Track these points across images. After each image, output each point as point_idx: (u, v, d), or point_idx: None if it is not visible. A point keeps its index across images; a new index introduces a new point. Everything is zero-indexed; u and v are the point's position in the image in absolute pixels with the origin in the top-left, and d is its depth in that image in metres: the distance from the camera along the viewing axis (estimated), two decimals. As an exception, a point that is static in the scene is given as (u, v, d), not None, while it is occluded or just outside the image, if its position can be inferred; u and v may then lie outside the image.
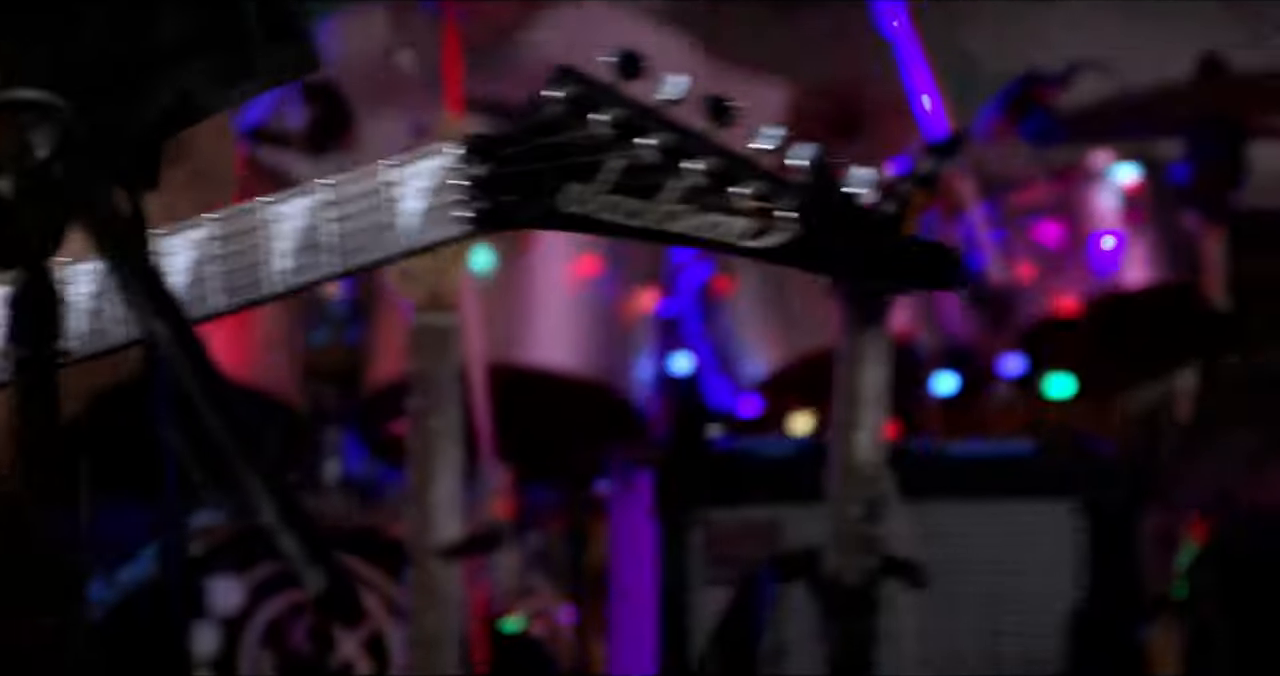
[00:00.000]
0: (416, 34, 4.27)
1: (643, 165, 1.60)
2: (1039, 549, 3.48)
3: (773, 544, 3.39)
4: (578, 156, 1.61)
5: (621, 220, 1.57)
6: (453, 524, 3.18)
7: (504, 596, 3.60)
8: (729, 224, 1.53)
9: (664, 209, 1.57)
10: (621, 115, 1.58)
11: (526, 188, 1.68)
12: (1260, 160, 4.30)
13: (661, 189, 1.57)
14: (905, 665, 3.21)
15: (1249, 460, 4.70)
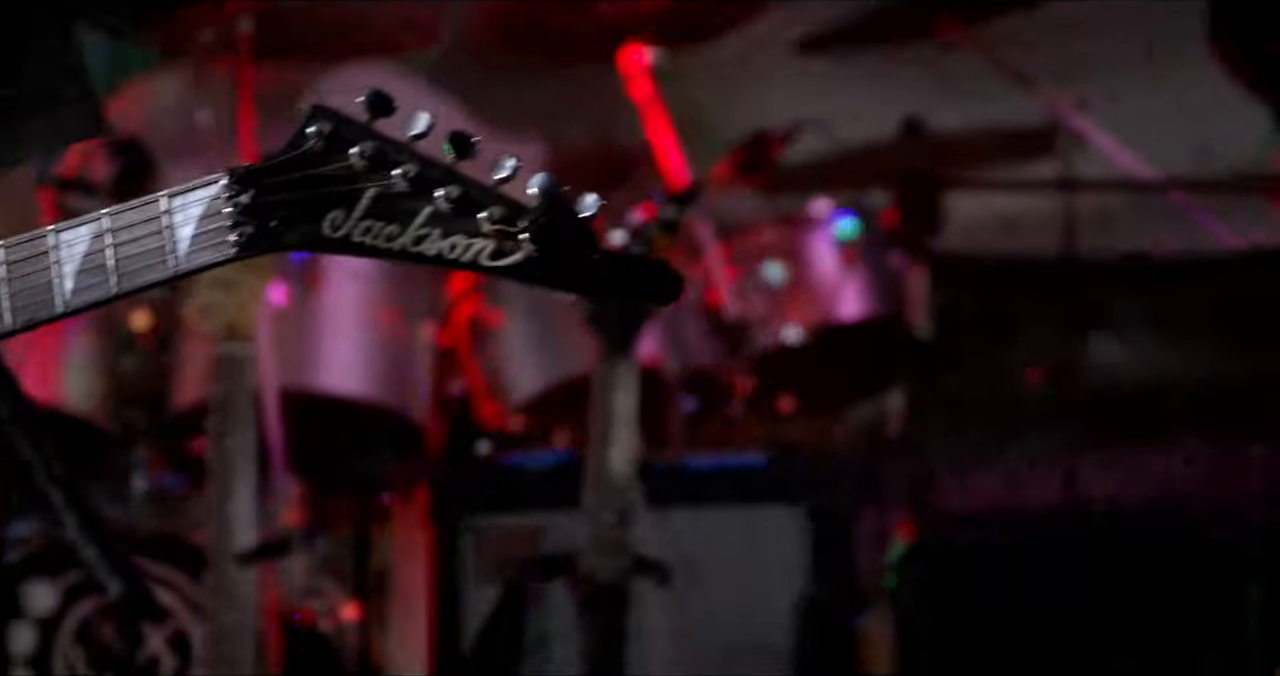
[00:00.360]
0: (215, 93, 4.19)
1: (395, 194, 1.62)
2: (770, 549, 3.49)
3: (536, 547, 3.38)
4: (336, 186, 1.62)
5: (378, 244, 1.57)
6: (248, 532, 3.13)
7: (294, 596, 3.55)
8: (474, 246, 1.54)
9: (415, 233, 1.58)
10: (373, 149, 1.59)
11: (290, 214, 1.67)
12: (955, 208, 4.37)
13: (413, 215, 1.59)
14: (653, 654, 3.22)
15: (955, 468, 4.78)
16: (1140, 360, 5.08)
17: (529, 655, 3.28)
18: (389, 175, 1.60)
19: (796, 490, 3.50)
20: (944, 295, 4.57)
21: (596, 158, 4.42)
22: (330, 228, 1.62)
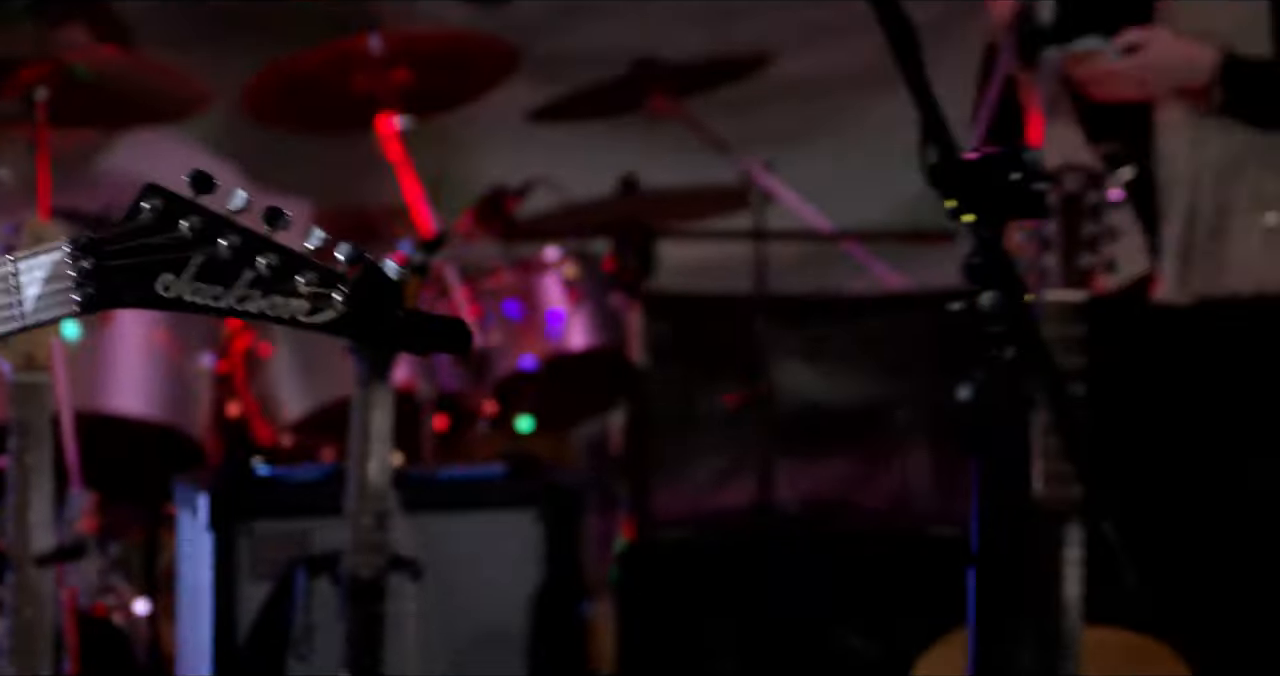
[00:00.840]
0: (14, 155, 4.03)
1: (220, 260, 1.63)
2: (509, 547, 3.48)
3: (304, 548, 3.35)
4: (168, 253, 1.62)
5: (206, 302, 1.58)
6: (46, 537, 3.04)
7: (90, 593, 3.46)
8: (291, 305, 1.58)
9: (239, 293, 1.59)
10: (199, 222, 1.61)
11: (127, 278, 1.67)
12: (665, 254, 4.40)
13: (237, 278, 1.59)
14: (407, 640, 3.21)
15: (667, 476, 4.80)
16: (818, 382, 5.18)
17: (298, 642, 3.26)
18: (215, 244, 1.63)
19: (532, 497, 3.47)
20: (656, 329, 4.62)
21: (355, 212, 4.43)
22: (162, 288, 1.62)
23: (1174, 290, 3.40)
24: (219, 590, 3.33)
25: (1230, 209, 3.41)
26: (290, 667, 3.26)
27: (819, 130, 4.76)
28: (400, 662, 3.17)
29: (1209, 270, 3.41)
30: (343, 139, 4.21)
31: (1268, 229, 3.40)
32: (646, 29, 4.83)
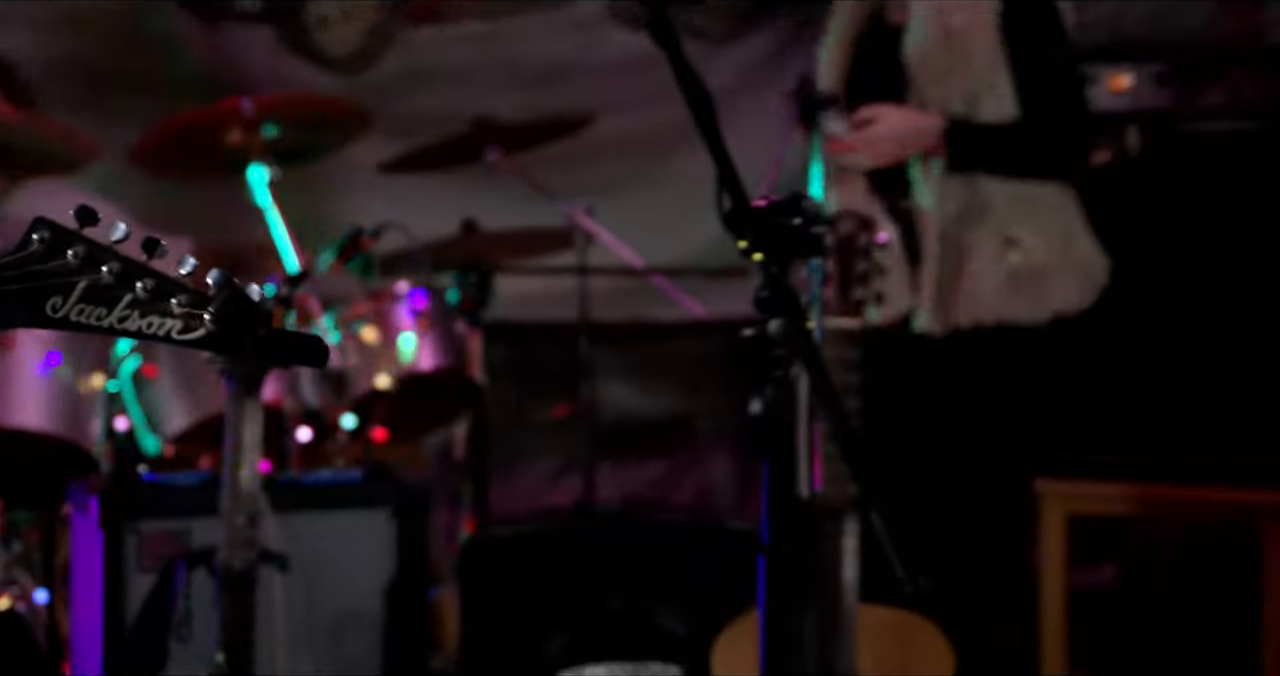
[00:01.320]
0: None
1: (102, 284, 1.64)
2: (366, 542, 3.46)
3: (184, 544, 3.32)
4: (56, 279, 1.61)
5: (90, 322, 1.58)
6: None
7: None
8: (166, 324, 1.61)
9: (120, 314, 1.60)
10: (84, 251, 1.62)
11: (19, 300, 1.65)
12: (501, 287, 4.40)
13: (118, 300, 1.60)
14: (276, 624, 3.19)
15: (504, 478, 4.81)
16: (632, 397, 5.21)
17: (178, 626, 3.25)
18: (98, 270, 1.65)
19: (384, 497, 3.47)
20: (493, 352, 4.63)
21: (231, 249, 4.40)
22: (51, 310, 1.62)
23: (931, 322, 3.47)
24: (108, 582, 3.28)
25: (976, 251, 3.47)
26: (172, 649, 3.22)
27: (632, 181, 4.79)
28: (269, 644, 3.12)
29: (959, 304, 3.48)
30: (220, 186, 4.17)
31: (1010, 268, 3.48)
32: (484, 93, 4.84)
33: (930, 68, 3.50)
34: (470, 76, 4.92)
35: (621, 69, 4.85)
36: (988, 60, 3.49)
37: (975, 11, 3.50)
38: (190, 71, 4.76)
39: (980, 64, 3.49)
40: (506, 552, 3.65)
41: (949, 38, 3.49)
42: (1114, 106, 4.39)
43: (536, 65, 4.99)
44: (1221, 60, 4.42)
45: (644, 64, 4.03)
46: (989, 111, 3.47)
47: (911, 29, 3.53)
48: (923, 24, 3.51)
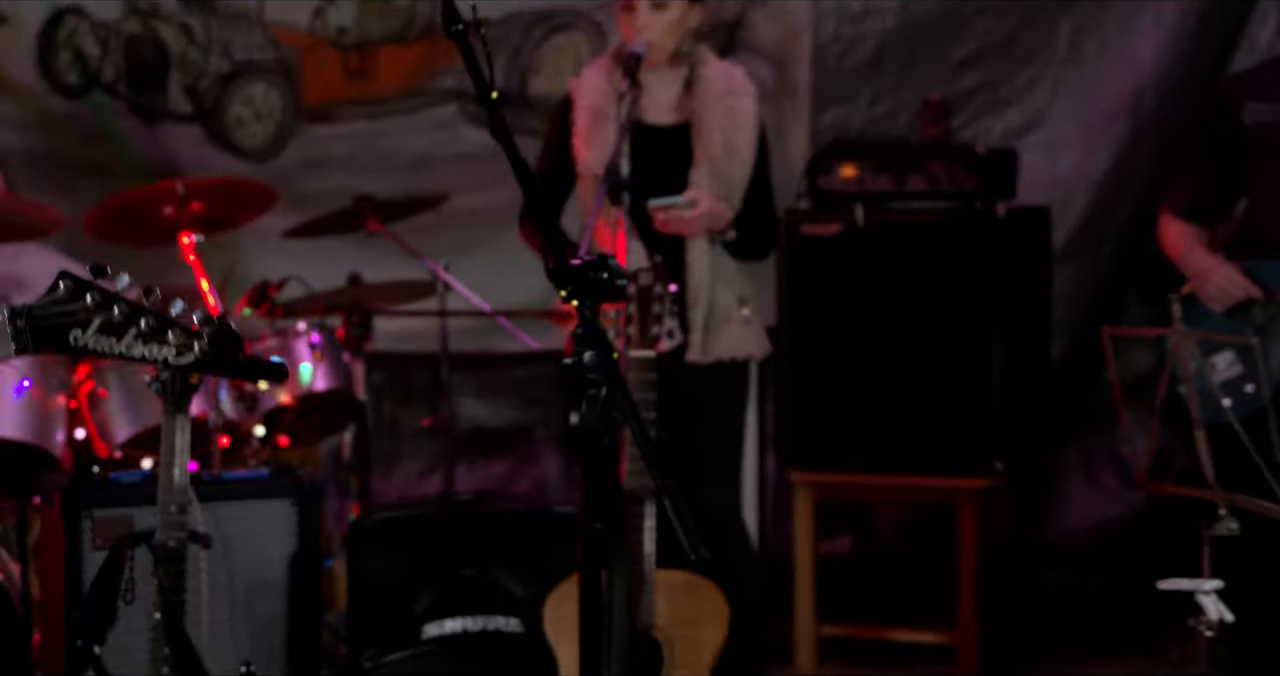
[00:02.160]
0: None
1: (114, 321, 1.68)
2: (273, 524, 3.41)
3: (129, 527, 3.27)
4: (76, 317, 1.66)
5: (103, 349, 1.63)
6: None
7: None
8: (163, 350, 1.64)
9: (126, 343, 1.66)
10: (98, 295, 1.65)
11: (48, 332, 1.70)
12: (380, 327, 4.44)
13: (125, 333, 1.64)
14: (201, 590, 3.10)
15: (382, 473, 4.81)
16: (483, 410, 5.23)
17: (124, 591, 3.16)
18: (110, 310, 1.70)
19: (288, 490, 3.42)
20: (373, 376, 4.63)
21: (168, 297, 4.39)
22: (73, 340, 1.67)
23: (698, 354, 3.57)
24: (69, 558, 3.25)
25: (724, 305, 3.60)
26: (120, 610, 3.09)
27: (479, 244, 4.78)
28: (196, 606, 3.06)
29: (715, 342, 3.59)
30: (157, 249, 4.16)
31: (743, 318, 3.62)
32: (365, 176, 4.82)
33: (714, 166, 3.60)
34: (354, 164, 4.91)
35: (470, 159, 4.85)
36: (746, 170, 3.64)
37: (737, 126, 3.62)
38: (135, 159, 4.71)
39: (741, 170, 3.64)
40: (384, 532, 3.60)
41: (730, 148, 3.62)
42: (845, 189, 4.47)
43: (405, 155, 4.97)
44: (922, 156, 4.56)
45: (487, 155, 4.09)
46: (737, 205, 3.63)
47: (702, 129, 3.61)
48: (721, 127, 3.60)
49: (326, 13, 4.85)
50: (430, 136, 4.98)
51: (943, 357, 4.44)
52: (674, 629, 3.04)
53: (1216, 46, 4.88)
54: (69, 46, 4.63)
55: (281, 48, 4.84)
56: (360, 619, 3.46)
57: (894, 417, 4.46)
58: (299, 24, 4.85)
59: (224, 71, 4.81)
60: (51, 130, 4.64)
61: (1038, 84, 5.06)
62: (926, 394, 4.44)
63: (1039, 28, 5.01)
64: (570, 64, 4.89)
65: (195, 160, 4.80)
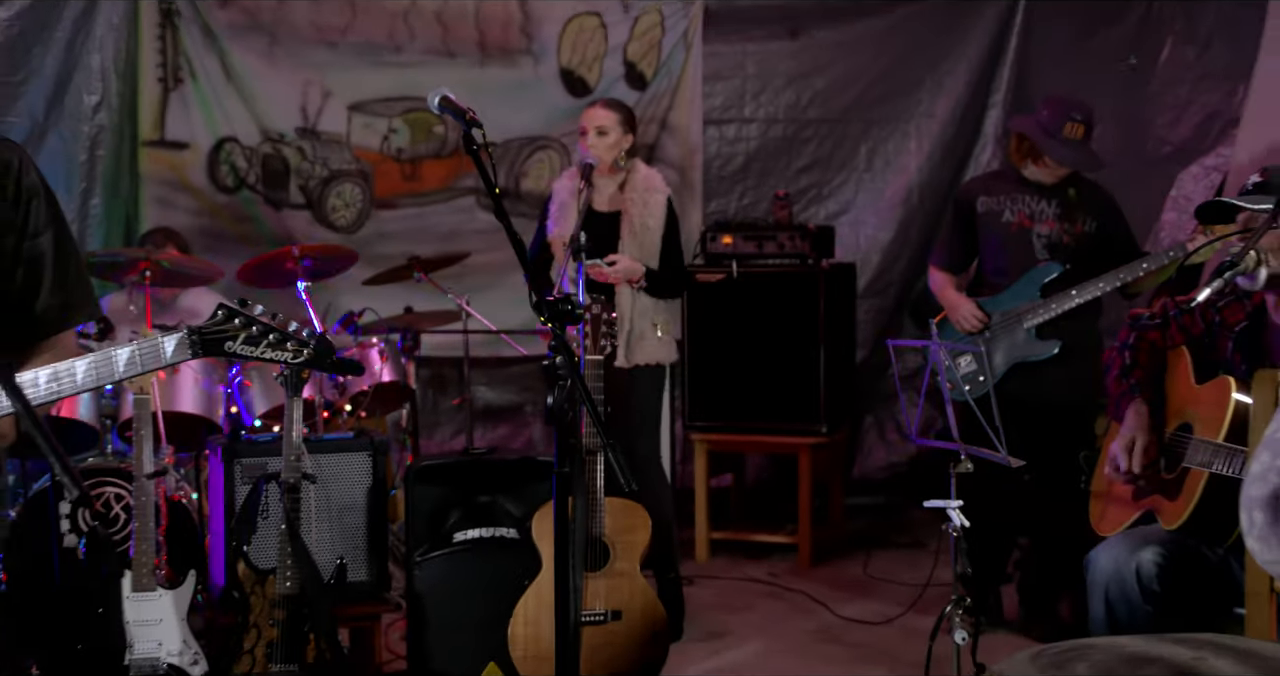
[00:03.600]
0: (134, 299, 3.81)
1: (253, 334, 1.62)
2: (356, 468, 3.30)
3: (265, 470, 3.21)
4: (230, 333, 1.62)
5: (247, 354, 1.59)
6: (149, 465, 2.92)
7: (171, 488, 3.34)
8: (286, 354, 1.62)
9: (262, 349, 1.61)
10: (243, 319, 1.62)
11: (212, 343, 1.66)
12: (425, 340, 4.33)
13: (261, 342, 1.62)
14: (310, 509, 3.09)
15: (448, 437, 4.68)
16: (493, 394, 5.05)
17: (262, 511, 3.12)
18: (250, 328, 1.63)
19: (366, 446, 3.31)
20: (421, 372, 4.47)
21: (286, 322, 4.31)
22: (229, 348, 1.61)
23: (623, 360, 3.54)
24: (226, 489, 3.22)
25: (639, 329, 3.58)
26: (259, 523, 3.15)
27: (489, 286, 4.67)
28: (307, 520, 3.04)
29: (636, 353, 3.58)
30: (282, 291, 4.00)
31: (658, 338, 3.59)
32: (415, 243, 4.70)
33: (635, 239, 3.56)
34: (407, 236, 4.83)
35: (482, 232, 4.80)
36: (658, 242, 3.58)
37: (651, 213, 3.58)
38: (267, 233, 4.67)
39: (654, 242, 3.58)
40: (428, 473, 3.49)
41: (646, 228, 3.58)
42: (725, 251, 4.53)
43: (440, 229, 4.88)
44: (774, 230, 4.62)
45: (494, 230, 4.11)
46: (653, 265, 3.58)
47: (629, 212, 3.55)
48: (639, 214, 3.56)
49: (390, 139, 4.87)
50: (457, 217, 4.92)
51: (787, 359, 4.49)
52: (616, 535, 3.00)
53: (956, 162, 5.01)
54: (227, 161, 4.62)
55: (361, 161, 4.82)
56: (413, 529, 3.39)
57: (757, 398, 4.49)
58: (372, 146, 4.84)
59: (324, 176, 4.77)
60: (215, 214, 4.59)
61: (847, 185, 5.15)
62: (777, 383, 4.47)
63: (847, 149, 5.12)
64: (547, 171, 4.88)
65: (305, 233, 4.73)
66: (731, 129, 5.05)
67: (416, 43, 4.72)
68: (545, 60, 4.78)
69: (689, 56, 4.84)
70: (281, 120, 4.64)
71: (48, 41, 4.10)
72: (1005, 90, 4.67)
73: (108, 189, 4.42)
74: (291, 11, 4.55)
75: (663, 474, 3.80)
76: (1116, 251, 3.43)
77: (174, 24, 4.29)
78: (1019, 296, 3.52)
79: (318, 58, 4.59)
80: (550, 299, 2.00)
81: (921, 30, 4.65)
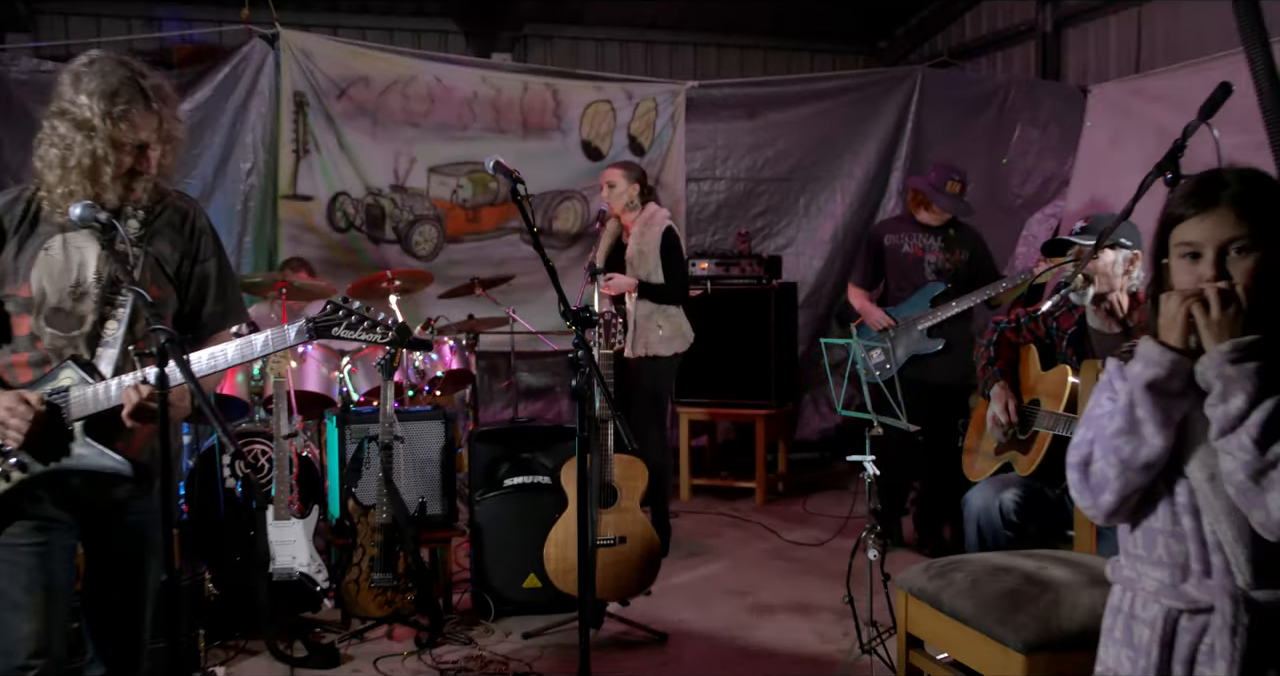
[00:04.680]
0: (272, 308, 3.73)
1: (353, 322, 1.49)
2: (433, 433, 3.20)
3: (367, 433, 3.10)
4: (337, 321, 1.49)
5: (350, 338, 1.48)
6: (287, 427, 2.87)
7: (300, 446, 3.22)
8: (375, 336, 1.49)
9: (359, 334, 1.47)
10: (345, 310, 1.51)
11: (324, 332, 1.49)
12: (482, 339, 4.21)
13: (359, 327, 1.49)
14: (399, 462, 3.04)
15: (502, 408, 4.51)
16: (533, 378, 4.82)
17: (366, 463, 3.04)
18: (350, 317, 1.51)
19: (440, 416, 3.24)
20: (480, 363, 4.27)
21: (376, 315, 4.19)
22: (335, 334, 1.49)
23: (628, 352, 3.49)
24: (340, 446, 3.18)
25: (645, 327, 3.52)
26: (363, 471, 3.09)
27: (529, 300, 4.54)
28: (397, 470, 3.01)
29: (639, 346, 3.52)
30: (380, 303, 3.75)
31: (660, 334, 3.53)
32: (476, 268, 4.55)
33: (635, 260, 3.55)
34: (470, 263, 4.74)
35: (525, 260, 4.73)
36: (653, 261, 3.54)
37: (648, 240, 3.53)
38: (369, 262, 4.59)
39: (650, 262, 3.55)
40: (485, 436, 3.44)
41: (642, 253, 3.55)
42: (702, 273, 4.54)
43: (494, 258, 4.79)
44: (738, 258, 4.63)
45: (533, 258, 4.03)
46: (654, 279, 3.54)
47: (631, 242, 3.55)
48: (637, 242, 3.54)
49: (457, 192, 4.84)
50: (506, 249, 4.84)
51: (747, 353, 4.50)
52: (622, 481, 2.96)
53: (869, 210, 5.03)
54: (340, 209, 4.57)
55: (436, 209, 4.76)
56: (474, 476, 3.35)
57: (725, 381, 4.49)
58: (445, 197, 4.78)
59: (410, 220, 4.70)
60: (331, 248, 4.52)
61: (790, 226, 5.15)
62: (740, 369, 4.48)
63: (790, 200, 5.14)
64: (572, 215, 4.84)
65: (396, 261, 4.64)
66: (706, 184, 5.07)
67: (477, 123, 4.70)
68: (570, 135, 4.79)
69: (675, 132, 4.88)
70: (379, 179, 4.62)
71: (216, 126, 4.10)
72: (904, 158, 4.74)
73: (256, 230, 4.41)
74: (387, 102, 4.54)
75: (662, 436, 3.74)
76: (983, 275, 3.51)
77: (304, 112, 4.28)
78: (914, 306, 3.57)
79: (406, 134, 4.59)
80: (574, 309, 1.98)
81: (844, 115, 4.71)
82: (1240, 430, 0.98)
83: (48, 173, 1.46)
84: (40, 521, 1.46)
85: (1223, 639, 1.01)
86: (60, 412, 1.43)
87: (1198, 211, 1.04)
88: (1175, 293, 1.05)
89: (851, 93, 4.61)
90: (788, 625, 2.80)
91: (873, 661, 2.30)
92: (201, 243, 1.61)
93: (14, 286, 1.45)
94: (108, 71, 1.44)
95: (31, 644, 1.39)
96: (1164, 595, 1.08)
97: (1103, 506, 1.08)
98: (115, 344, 1.49)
